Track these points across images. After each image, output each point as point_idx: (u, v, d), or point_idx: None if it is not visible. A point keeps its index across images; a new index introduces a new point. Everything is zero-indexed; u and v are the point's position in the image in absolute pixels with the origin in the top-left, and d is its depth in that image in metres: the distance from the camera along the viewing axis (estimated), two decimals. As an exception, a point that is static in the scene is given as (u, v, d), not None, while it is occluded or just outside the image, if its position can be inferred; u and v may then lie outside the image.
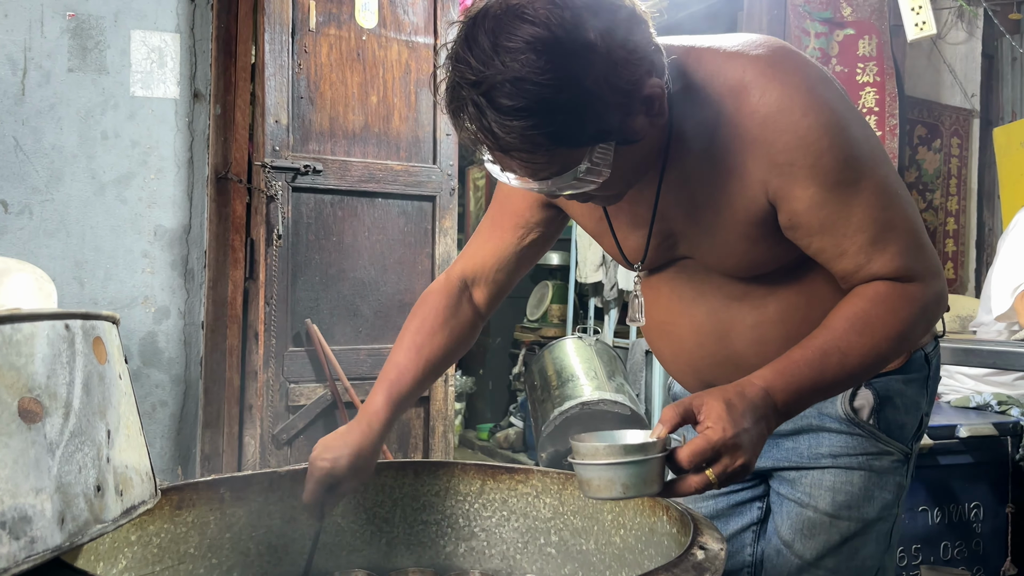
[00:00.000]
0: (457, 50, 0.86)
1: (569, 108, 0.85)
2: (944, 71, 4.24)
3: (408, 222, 3.09)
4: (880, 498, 1.18)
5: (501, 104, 0.83)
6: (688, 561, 0.87)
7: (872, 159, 0.99)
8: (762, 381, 0.94)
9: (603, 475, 0.89)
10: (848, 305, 1.00)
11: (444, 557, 1.36)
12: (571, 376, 3.51)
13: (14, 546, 0.65)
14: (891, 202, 1.00)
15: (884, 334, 0.98)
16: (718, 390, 0.93)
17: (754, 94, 0.96)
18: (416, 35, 3.09)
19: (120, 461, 0.80)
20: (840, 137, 0.96)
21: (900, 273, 1.00)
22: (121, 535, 1.09)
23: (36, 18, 2.67)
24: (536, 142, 0.86)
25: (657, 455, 0.89)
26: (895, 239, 0.99)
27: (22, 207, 2.66)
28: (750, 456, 0.90)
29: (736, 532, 1.31)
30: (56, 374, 0.73)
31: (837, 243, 0.99)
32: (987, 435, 2.31)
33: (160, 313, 2.85)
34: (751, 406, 0.91)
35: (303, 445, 2.88)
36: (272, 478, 1.29)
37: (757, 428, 0.91)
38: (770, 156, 0.96)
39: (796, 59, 1.00)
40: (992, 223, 4.46)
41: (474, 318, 1.28)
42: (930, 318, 1.04)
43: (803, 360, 0.96)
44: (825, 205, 0.97)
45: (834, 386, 0.99)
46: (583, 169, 0.90)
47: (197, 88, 2.89)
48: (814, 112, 0.95)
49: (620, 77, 0.87)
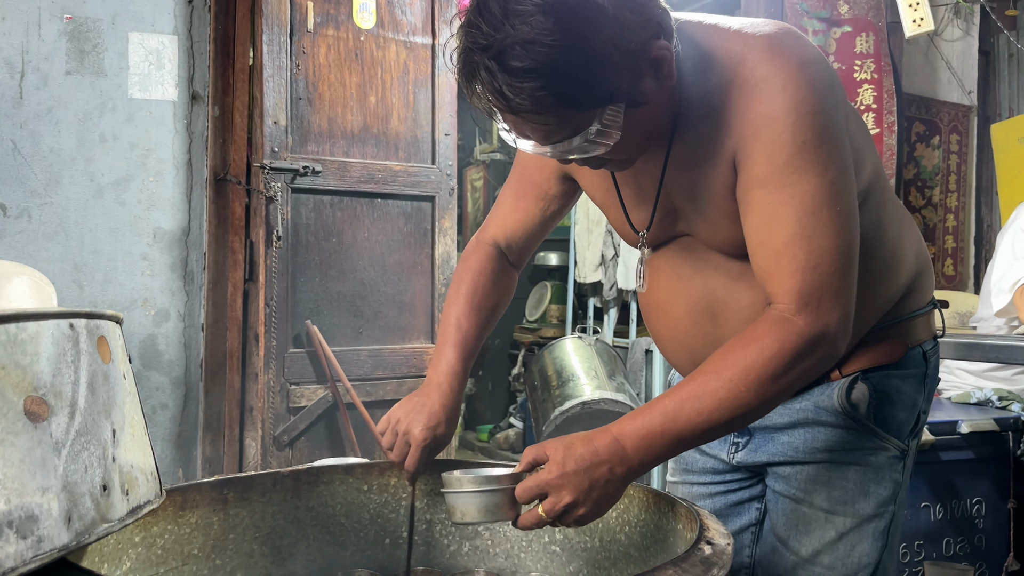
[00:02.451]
0: (470, 17, 0.89)
1: (577, 69, 0.87)
2: (941, 68, 4.24)
3: (407, 222, 3.08)
4: (876, 494, 1.17)
5: (511, 66, 0.86)
6: (695, 556, 0.87)
7: (830, 160, 0.95)
8: (616, 428, 0.96)
9: (454, 502, 1.00)
10: (724, 346, 0.97)
11: (448, 556, 1.36)
12: (571, 376, 3.50)
13: (21, 545, 0.65)
14: (822, 211, 0.95)
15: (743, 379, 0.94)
16: (572, 435, 0.97)
17: (747, 66, 0.97)
18: (414, 35, 3.09)
19: (125, 460, 0.80)
20: (807, 121, 0.94)
21: (791, 298, 0.95)
22: (125, 536, 1.09)
23: (33, 21, 2.66)
24: (546, 103, 0.88)
25: (501, 488, 0.98)
26: (806, 253, 0.95)
27: (21, 210, 2.66)
28: (578, 497, 0.94)
29: (735, 532, 1.31)
30: (61, 373, 0.72)
31: (759, 230, 0.98)
32: (988, 430, 2.31)
33: (160, 315, 2.85)
34: (591, 451, 0.94)
35: (304, 446, 2.88)
36: (275, 479, 1.28)
37: (591, 473, 0.94)
38: (742, 125, 0.97)
39: (797, 39, 0.99)
40: (990, 219, 4.47)
41: (513, 272, 1.34)
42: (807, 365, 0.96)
43: (659, 407, 0.95)
44: (765, 185, 0.96)
45: (692, 433, 0.95)
46: (594, 131, 0.92)
47: (195, 90, 2.89)
48: (792, 88, 0.95)
49: (627, 39, 0.89)
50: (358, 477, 1.35)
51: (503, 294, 1.31)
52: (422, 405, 1.20)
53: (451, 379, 1.22)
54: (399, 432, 1.20)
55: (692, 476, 1.34)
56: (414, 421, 1.19)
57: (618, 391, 3.39)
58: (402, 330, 3.08)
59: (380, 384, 3.01)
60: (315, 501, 1.32)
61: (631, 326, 4.37)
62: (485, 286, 1.28)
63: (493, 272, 1.29)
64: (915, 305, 1.20)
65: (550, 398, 3.48)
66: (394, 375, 3.04)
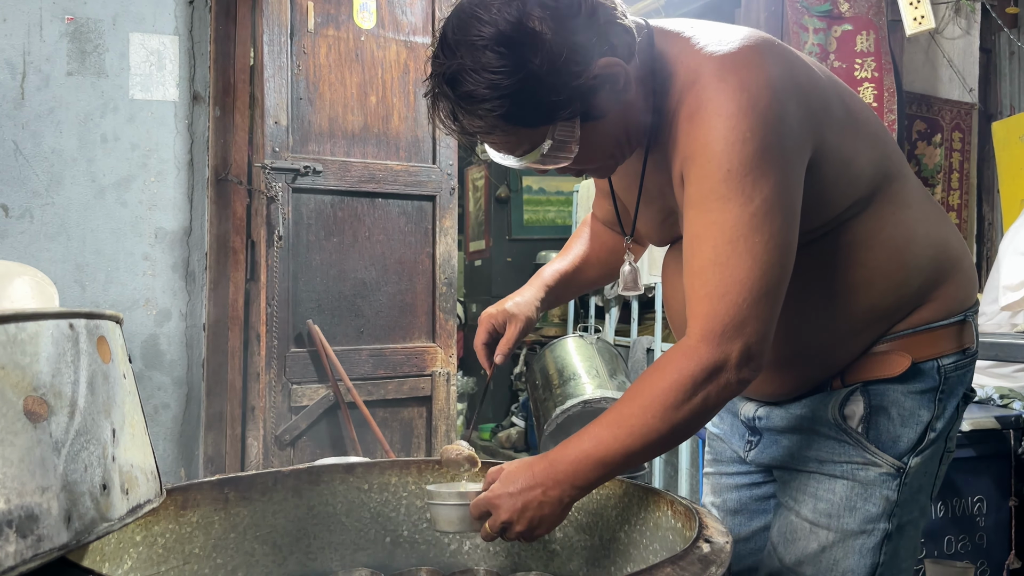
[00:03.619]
0: (434, 48, 1.00)
1: (519, 91, 0.95)
2: (942, 66, 4.23)
3: (408, 222, 3.09)
4: (863, 510, 1.12)
5: (461, 92, 0.96)
6: (694, 554, 0.87)
7: (756, 188, 0.94)
8: (554, 454, 1.03)
9: (432, 511, 1.14)
10: (642, 374, 1.02)
11: (449, 555, 1.36)
12: (573, 375, 3.50)
13: (21, 544, 0.65)
14: (741, 242, 0.95)
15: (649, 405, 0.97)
16: (519, 460, 1.06)
17: (696, 89, 1.00)
18: (414, 35, 3.09)
19: (125, 460, 0.80)
20: (736, 148, 0.94)
21: (699, 323, 0.97)
22: (127, 535, 1.09)
23: (35, 22, 2.67)
24: (494, 124, 0.98)
25: (461, 503, 1.10)
26: (715, 280, 0.96)
27: (23, 211, 2.66)
28: (512, 517, 1.02)
29: (759, 530, 1.30)
30: (61, 373, 0.73)
31: (685, 251, 1.01)
32: (989, 428, 2.31)
33: (161, 315, 2.85)
34: (528, 476, 1.02)
35: (306, 446, 2.88)
36: (276, 478, 1.29)
37: (525, 495, 1.01)
38: (685, 147, 1.01)
39: (751, 60, 0.98)
40: (992, 217, 4.46)
41: (618, 247, 1.41)
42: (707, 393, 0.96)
43: (591, 432, 1.01)
44: (693, 207, 0.99)
45: (615, 458, 0.99)
46: (547, 147, 1.01)
47: (196, 90, 2.89)
48: (725, 115, 0.95)
49: (567, 60, 0.95)
50: (359, 476, 1.36)
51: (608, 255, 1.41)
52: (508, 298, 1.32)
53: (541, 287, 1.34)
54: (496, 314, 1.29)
55: (721, 466, 1.35)
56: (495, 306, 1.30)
57: (619, 390, 3.39)
58: (403, 329, 3.09)
59: (381, 383, 3.01)
60: (316, 500, 1.32)
61: (632, 325, 4.37)
62: (592, 243, 1.42)
63: (601, 236, 1.42)
64: (931, 317, 1.13)
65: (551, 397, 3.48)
66: (395, 374, 3.04)
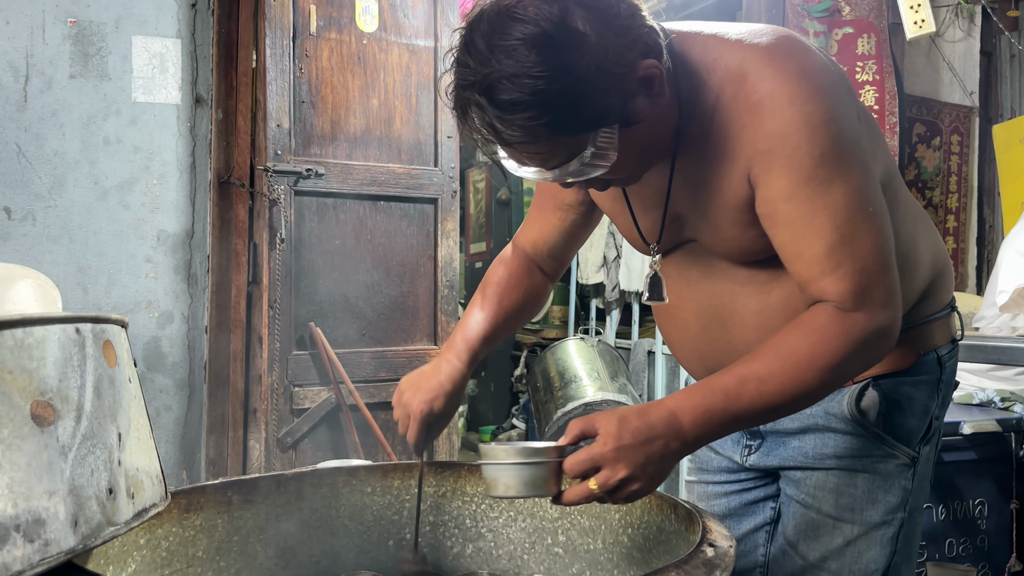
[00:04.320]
0: (458, 55, 0.92)
1: (564, 97, 0.88)
2: (943, 69, 4.24)
3: (410, 225, 3.09)
4: (884, 501, 1.16)
5: (500, 100, 0.88)
6: (698, 558, 0.87)
7: (852, 165, 0.97)
8: (672, 403, 0.96)
9: (492, 474, 0.98)
10: (782, 333, 0.98)
11: (452, 558, 1.37)
12: (574, 377, 3.51)
13: (28, 549, 0.65)
14: (857, 215, 0.96)
15: (809, 365, 0.95)
16: (622, 408, 0.97)
17: (750, 80, 0.97)
18: (416, 38, 3.09)
19: (131, 464, 0.80)
20: (821, 131, 0.95)
21: (844, 298, 0.97)
22: (130, 539, 1.09)
23: (38, 25, 2.68)
24: (537, 133, 0.90)
25: (544, 460, 0.96)
26: (850, 257, 0.96)
27: (25, 213, 2.67)
28: (634, 472, 0.93)
29: (749, 531, 1.31)
30: (67, 377, 0.73)
31: (795, 242, 0.98)
32: (991, 431, 2.31)
33: (163, 318, 2.86)
34: (646, 425, 0.93)
35: (308, 448, 2.88)
36: (279, 480, 1.29)
37: (647, 448, 0.93)
38: (754, 141, 0.97)
39: (797, 48, 0.99)
40: (993, 220, 4.46)
41: (545, 280, 1.36)
42: (869, 353, 0.99)
43: (719, 385, 0.96)
44: (793, 198, 0.96)
45: (751, 414, 0.97)
46: (588, 155, 0.93)
47: (199, 93, 2.90)
48: (800, 101, 0.95)
49: (612, 62, 0.90)
50: (361, 479, 1.36)
51: (527, 297, 1.32)
52: (426, 379, 1.23)
53: (462, 355, 1.25)
54: (401, 404, 1.23)
55: (707, 475, 1.35)
56: (414, 395, 1.22)
57: (620, 392, 3.39)
58: (405, 332, 3.09)
59: (383, 386, 3.01)
60: (319, 503, 1.32)
61: (633, 327, 4.37)
62: (512, 283, 1.31)
63: (526, 272, 1.32)
64: (931, 309, 1.19)
65: (552, 399, 3.48)
66: (397, 377, 3.03)
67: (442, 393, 1.21)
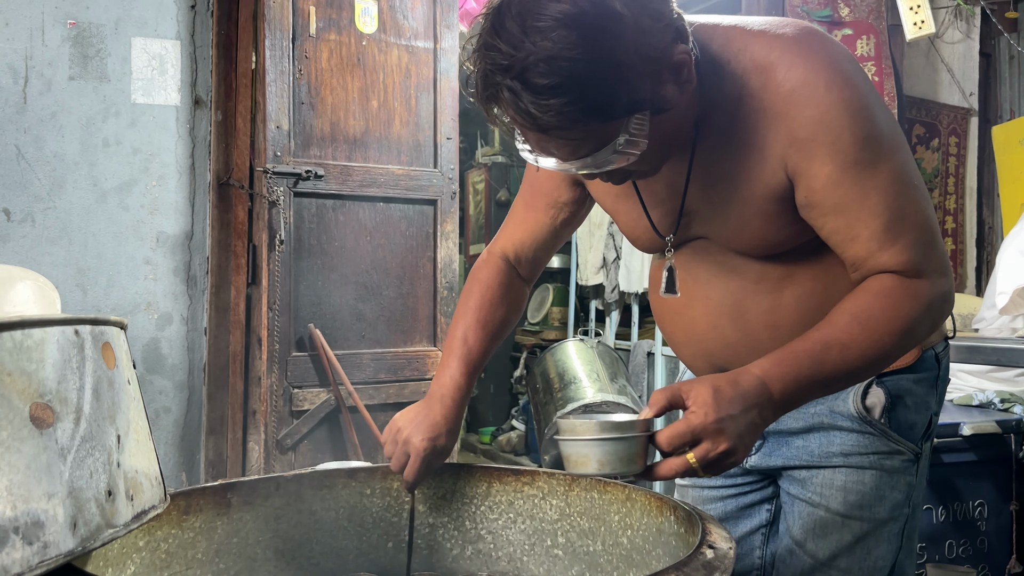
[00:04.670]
0: (485, 39, 0.87)
1: (602, 80, 0.85)
2: (942, 70, 4.24)
3: (410, 226, 3.09)
4: (891, 498, 1.17)
5: (536, 84, 0.84)
6: (698, 560, 0.87)
7: (892, 144, 0.98)
8: (759, 370, 0.94)
9: (580, 451, 0.93)
10: (852, 299, 0.99)
11: (451, 560, 1.36)
12: (573, 378, 3.51)
13: (27, 551, 0.65)
14: (906, 191, 0.99)
15: (887, 329, 0.97)
16: (710, 377, 0.93)
17: (780, 70, 0.97)
18: (416, 40, 3.09)
19: (130, 466, 0.80)
20: (862, 116, 0.96)
21: (908, 267, 0.98)
22: (130, 541, 1.09)
23: (37, 26, 2.68)
24: (573, 118, 0.87)
25: (634, 435, 0.92)
26: (906, 230, 0.98)
27: (25, 215, 2.66)
28: (735, 443, 0.90)
29: (745, 534, 1.31)
30: (67, 379, 0.73)
31: (850, 226, 0.99)
32: (991, 433, 2.31)
33: (163, 319, 2.86)
34: (741, 394, 0.91)
35: (307, 450, 2.88)
36: (279, 482, 1.29)
37: (746, 416, 0.90)
38: (791, 130, 0.97)
39: (823, 39, 1.00)
40: (992, 221, 4.47)
41: (523, 287, 1.34)
42: (935, 317, 1.02)
43: (803, 351, 0.95)
44: (841, 184, 0.97)
45: (834, 379, 0.97)
46: (622, 142, 0.91)
47: (198, 95, 2.90)
48: (838, 88, 0.95)
49: (648, 45, 0.88)
50: (361, 481, 1.36)
51: (511, 309, 1.30)
52: (424, 416, 1.21)
53: (454, 392, 1.23)
54: (399, 441, 1.21)
55: (703, 480, 1.34)
56: (415, 431, 1.19)
57: (620, 394, 3.39)
58: (404, 333, 3.09)
59: (383, 387, 3.01)
60: (318, 505, 1.32)
61: (633, 328, 4.37)
62: (492, 300, 1.28)
63: (501, 286, 1.29)
64: None
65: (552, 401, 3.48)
66: (396, 378, 3.04)
67: (445, 430, 1.20)
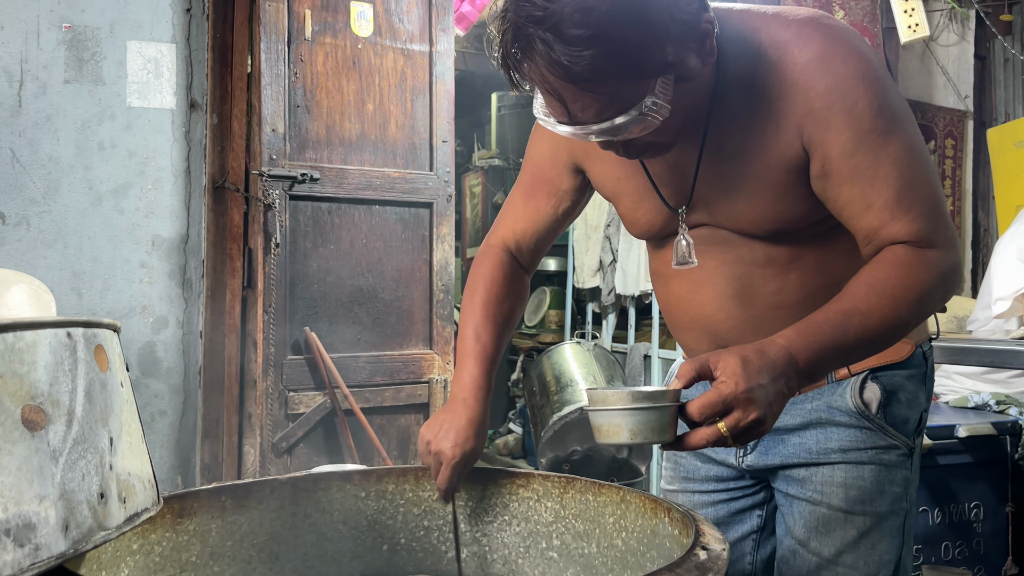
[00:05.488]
0: None
1: (635, 35, 0.87)
2: (937, 73, 4.25)
3: (406, 229, 3.09)
4: (890, 492, 1.18)
5: (569, 35, 0.85)
6: (691, 561, 0.87)
7: (904, 115, 1.01)
8: (784, 340, 0.94)
9: (612, 420, 0.93)
10: (868, 270, 1.00)
11: (447, 562, 1.36)
12: (570, 381, 3.51)
13: (18, 553, 0.65)
14: (917, 162, 1.01)
15: (904, 297, 0.98)
16: (737, 347, 0.93)
17: (796, 45, 1.00)
18: (411, 43, 3.10)
19: (123, 468, 0.80)
20: (877, 86, 0.99)
21: (920, 237, 1.00)
22: (123, 543, 1.09)
23: (32, 30, 2.67)
24: (605, 72, 0.87)
25: (665, 404, 0.92)
26: (918, 201, 1.00)
27: (19, 218, 2.66)
28: (764, 411, 0.90)
29: (736, 540, 1.31)
30: (59, 382, 0.73)
31: (864, 194, 1.00)
32: (986, 434, 2.32)
33: (158, 323, 2.85)
34: (769, 363, 0.91)
35: (303, 453, 2.88)
36: (273, 486, 1.29)
37: (775, 386, 0.91)
38: (808, 100, 0.99)
39: (836, 20, 1.04)
40: (987, 223, 4.48)
41: (525, 277, 1.34)
42: (947, 287, 1.03)
43: (825, 321, 0.96)
44: (857, 152, 0.99)
45: (856, 348, 0.98)
46: (649, 103, 0.91)
47: (194, 98, 2.90)
48: (854, 60, 0.99)
49: (679, 7, 0.90)
50: (356, 484, 1.36)
51: (517, 300, 1.31)
52: (449, 423, 1.21)
53: (475, 392, 1.23)
54: (431, 452, 1.22)
55: (694, 484, 1.34)
56: (443, 440, 1.20)
57: (616, 396, 3.39)
58: (400, 336, 3.09)
59: (378, 391, 3.01)
60: (313, 508, 1.32)
61: (630, 331, 4.37)
62: (499, 294, 1.27)
63: (505, 277, 1.29)
64: None
65: (549, 404, 3.48)
66: (392, 381, 3.04)
67: (471, 433, 1.21)
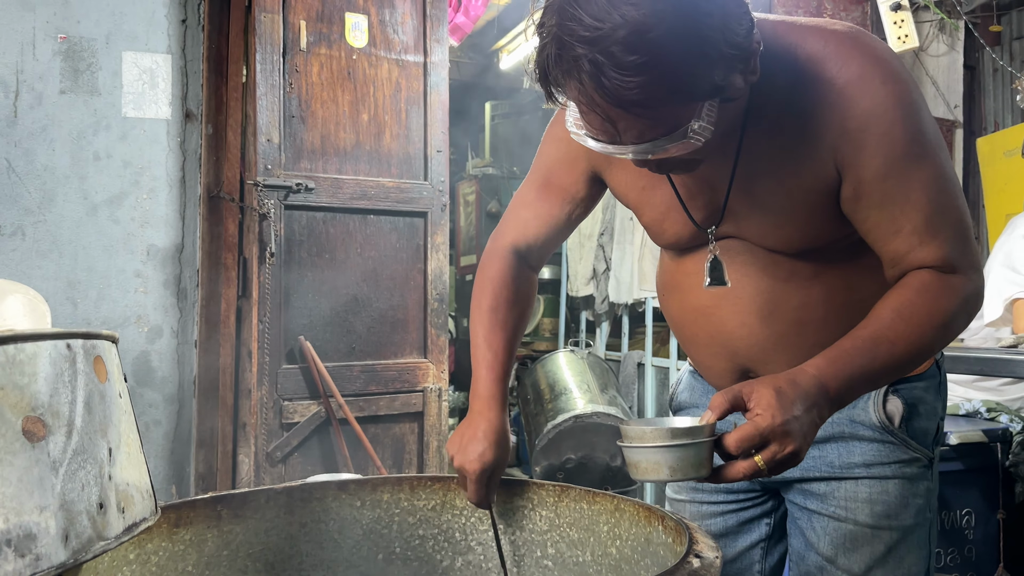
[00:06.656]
0: (563, 8, 0.83)
1: (689, 60, 0.83)
2: (927, 83, 4.29)
3: (400, 238, 3.10)
4: (914, 504, 1.18)
5: (622, 60, 0.80)
6: (684, 569, 0.88)
7: (936, 142, 1.01)
8: (815, 370, 0.94)
9: (650, 458, 0.93)
10: (894, 295, 1.01)
11: (441, 571, 1.37)
12: (564, 389, 3.52)
13: (19, 563, 0.66)
14: (947, 188, 1.01)
15: (929, 323, 0.98)
16: (769, 378, 0.93)
17: (834, 64, 0.98)
18: (406, 54, 3.12)
19: (121, 479, 0.81)
20: (912, 111, 0.99)
21: (945, 262, 1.01)
22: (120, 553, 1.09)
23: (28, 40, 2.68)
24: (657, 96, 0.83)
25: (703, 440, 0.92)
26: (945, 226, 1.01)
27: (15, 228, 2.66)
28: (800, 443, 0.90)
29: (744, 549, 1.31)
30: (58, 393, 0.74)
31: (894, 219, 1.01)
32: (977, 442, 2.33)
33: (153, 332, 2.85)
34: (803, 394, 0.91)
35: (297, 462, 2.88)
36: (269, 495, 1.29)
37: (808, 416, 0.91)
38: (844, 122, 0.98)
39: (873, 37, 1.03)
40: (977, 232, 4.51)
41: (534, 277, 1.33)
42: (970, 311, 1.04)
43: (854, 349, 0.96)
44: (889, 176, 0.99)
45: (883, 375, 0.99)
46: (695, 127, 0.87)
47: (189, 108, 2.91)
48: (892, 83, 0.98)
49: (732, 29, 0.85)
50: (351, 493, 1.36)
51: (526, 302, 1.29)
52: (469, 437, 1.22)
53: (489, 402, 1.23)
54: (456, 468, 1.23)
55: (702, 495, 1.33)
56: (463, 456, 1.21)
57: (610, 405, 3.40)
58: (395, 345, 3.09)
59: (373, 400, 3.01)
60: (308, 517, 1.32)
61: (623, 339, 4.39)
62: (508, 299, 1.26)
63: (515, 280, 1.27)
64: None
65: (543, 412, 3.48)
66: (387, 390, 3.05)
67: (489, 444, 1.20)
